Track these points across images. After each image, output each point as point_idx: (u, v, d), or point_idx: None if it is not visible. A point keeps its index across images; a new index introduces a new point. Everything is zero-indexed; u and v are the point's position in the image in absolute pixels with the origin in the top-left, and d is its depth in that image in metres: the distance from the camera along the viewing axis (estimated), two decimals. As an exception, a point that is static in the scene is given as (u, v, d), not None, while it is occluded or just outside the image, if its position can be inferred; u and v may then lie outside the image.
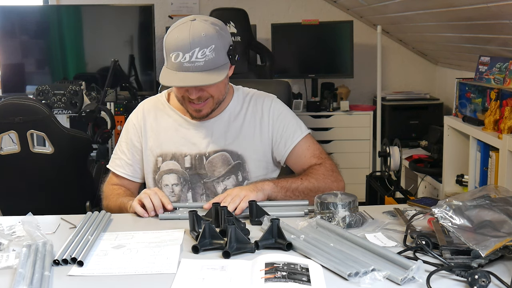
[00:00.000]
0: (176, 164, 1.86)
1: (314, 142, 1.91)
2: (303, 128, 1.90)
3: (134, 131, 1.92)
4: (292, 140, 1.87)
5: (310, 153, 1.88)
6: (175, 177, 1.86)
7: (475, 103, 2.79)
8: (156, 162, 1.88)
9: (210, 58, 1.67)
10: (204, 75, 1.67)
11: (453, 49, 3.79)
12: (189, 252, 1.38)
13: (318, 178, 1.80)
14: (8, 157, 2.49)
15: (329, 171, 1.83)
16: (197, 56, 1.66)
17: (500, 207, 1.37)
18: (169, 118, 1.89)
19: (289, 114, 1.91)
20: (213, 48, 1.67)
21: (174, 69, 1.69)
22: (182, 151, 1.86)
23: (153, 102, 1.95)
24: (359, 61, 4.52)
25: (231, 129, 1.86)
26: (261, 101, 1.90)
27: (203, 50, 1.66)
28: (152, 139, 1.89)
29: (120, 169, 1.93)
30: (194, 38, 1.65)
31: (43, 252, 1.33)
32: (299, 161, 1.88)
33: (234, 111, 1.88)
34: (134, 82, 4.22)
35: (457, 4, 2.77)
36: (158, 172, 1.88)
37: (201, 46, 1.66)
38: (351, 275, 1.20)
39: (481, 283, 1.15)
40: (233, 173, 1.85)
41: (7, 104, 2.48)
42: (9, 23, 4.17)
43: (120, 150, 1.94)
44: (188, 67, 1.66)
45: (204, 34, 1.67)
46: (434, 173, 3.30)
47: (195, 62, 1.66)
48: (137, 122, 1.92)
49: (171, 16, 4.54)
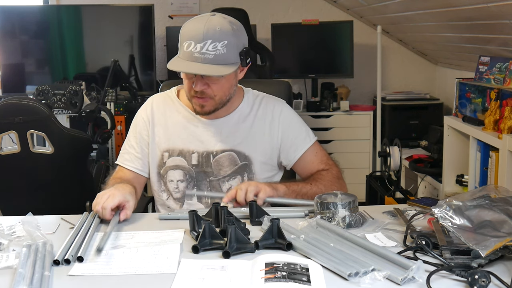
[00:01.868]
0: (183, 160, 1.86)
1: (321, 149, 1.95)
2: (311, 135, 1.94)
3: (143, 124, 1.91)
4: (302, 147, 1.90)
5: (318, 159, 1.92)
6: (181, 174, 1.86)
7: (475, 103, 2.79)
8: (162, 157, 1.88)
9: (220, 53, 1.67)
10: (211, 67, 1.67)
11: (453, 49, 3.79)
12: (189, 252, 1.38)
13: (325, 184, 1.84)
14: (8, 157, 2.48)
15: (335, 178, 1.88)
16: (208, 48, 1.66)
17: (500, 207, 1.37)
18: (178, 114, 1.89)
19: (299, 121, 1.94)
20: (225, 44, 1.67)
21: (184, 57, 1.69)
22: (189, 148, 1.86)
23: (163, 97, 1.95)
24: (359, 61, 4.52)
25: (240, 130, 1.87)
26: (272, 106, 1.91)
27: (215, 44, 1.66)
28: (160, 134, 1.89)
29: (129, 163, 1.91)
30: (209, 30, 1.66)
31: (43, 252, 1.33)
32: (307, 167, 1.92)
33: (243, 113, 1.89)
34: (134, 82, 4.22)
35: (457, 4, 2.77)
36: (163, 167, 1.88)
37: (214, 39, 1.66)
38: (351, 275, 1.20)
39: (481, 283, 1.15)
40: (239, 173, 1.86)
41: (7, 104, 2.48)
42: (9, 23, 4.17)
43: (129, 144, 1.93)
44: (197, 58, 1.66)
45: (219, 28, 1.67)
46: (434, 173, 3.30)
47: (205, 54, 1.66)
48: (146, 116, 1.92)
49: (171, 16, 4.54)
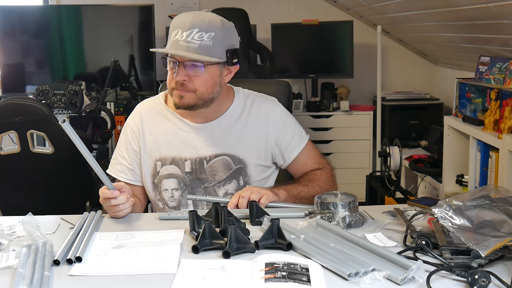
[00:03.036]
0: (176, 168, 1.83)
1: (314, 147, 1.95)
2: (304, 134, 1.93)
3: (132, 135, 1.88)
4: (297, 148, 1.89)
5: (312, 159, 1.92)
6: (175, 182, 1.83)
7: (475, 103, 2.78)
8: (155, 166, 1.84)
9: (206, 44, 1.65)
10: (193, 55, 1.65)
11: (453, 49, 3.79)
12: (189, 252, 1.38)
13: (321, 185, 1.85)
14: (8, 157, 2.48)
15: (329, 177, 1.90)
16: (194, 37, 1.64)
17: (500, 207, 1.37)
18: (167, 121, 1.85)
19: (292, 121, 1.92)
20: (212, 35, 1.65)
21: (169, 46, 1.68)
22: (182, 156, 1.82)
23: (151, 105, 1.90)
24: (359, 61, 4.52)
25: (232, 132, 1.83)
26: (264, 106, 1.87)
27: (201, 33, 1.64)
28: (151, 143, 1.85)
29: (121, 174, 1.88)
30: (197, 20, 1.65)
31: (43, 252, 1.33)
32: (301, 167, 1.92)
33: (235, 115, 1.85)
34: (134, 82, 4.21)
35: (457, 4, 2.77)
36: (157, 177, 1.85)
37: (201, 28, 1.64)
38: (351, 275, 1.20)
39: (481, 283, 1.15)
40: (234, 177, 1.84)
41: (7, 104, 2.48)
42: (9, 23, 4.17)
43: (120, 155, 1.89)
44: (182, 46, 1.65)
45: (208, 20, 1.66)
46: (434, 173, 3.30)
47: (190, 42, 1.64)
48: (135, 125, 1.88)
49: (171, 16, 4.54)
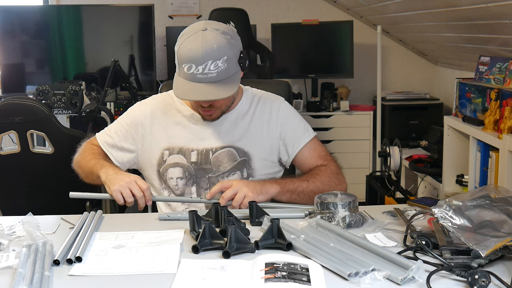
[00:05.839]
0: (182, 158, 1.88)
1: (320, 144, 1.96)
2: (310, 130, 1.95)
3: (136, 123, 1.92)
4: (300, 142, 1.91)
5: (316, 154, 1.93)
6: (180, 171, 1.88)
7: (475, 103, 2.78)
8: (162, 155, 1.89)
9: (222, 69, 1.70)
10: (217, 87, 1.71)
11: (453, 49, 3.79)
12: (189, 252, 1.38)
13: (323, 181, 1.84)
14: (8, 157, 2.48)
15: (334, 173, 1.88)
16: (210, 68, 1.69)
17: (500, 207, 1.37)
18: (178, 113, 1.92)
19: (297, 117, 1.96)
20: (225, 59, 1.70)
21: (187, 78, 1.72)
22: (189, 146, 1.88)
23: (164, 97, 1.97)
24: (359, 61, 4.52)
25: (239, 127, 1.90)
26: (270, 103, 1.94)
27: (215, 62, 1.69)
28: (161, 132, 1.91)
29: (108, 147, 1.93)
30: (207, 51, 1.68)
31: (43, 252, 1.33)
32: (305, 163, 1.93)
33: (242, 110, 1.92)
34: (134, 82, 4.22)
35: (457, 4, 2.77)
36: (163, 165, 1.89)
37: (213, 58, 1.68)
38: (351, 275, 1.20)
39: (481, 283, 1.15)
40: (238, 169, 1.87)
41: (7, 104, 2.48)
42: (9, 23, 4.17)
43: (116, 130, 1.94)
44: (201, 79, 1.70)
45: (217, 46, 1.69)
46: (434, 173, 3.30)
47: (208, 74, 1.69)
48: (143, 116, 1.92)
49: (171, 16, 4.54)
